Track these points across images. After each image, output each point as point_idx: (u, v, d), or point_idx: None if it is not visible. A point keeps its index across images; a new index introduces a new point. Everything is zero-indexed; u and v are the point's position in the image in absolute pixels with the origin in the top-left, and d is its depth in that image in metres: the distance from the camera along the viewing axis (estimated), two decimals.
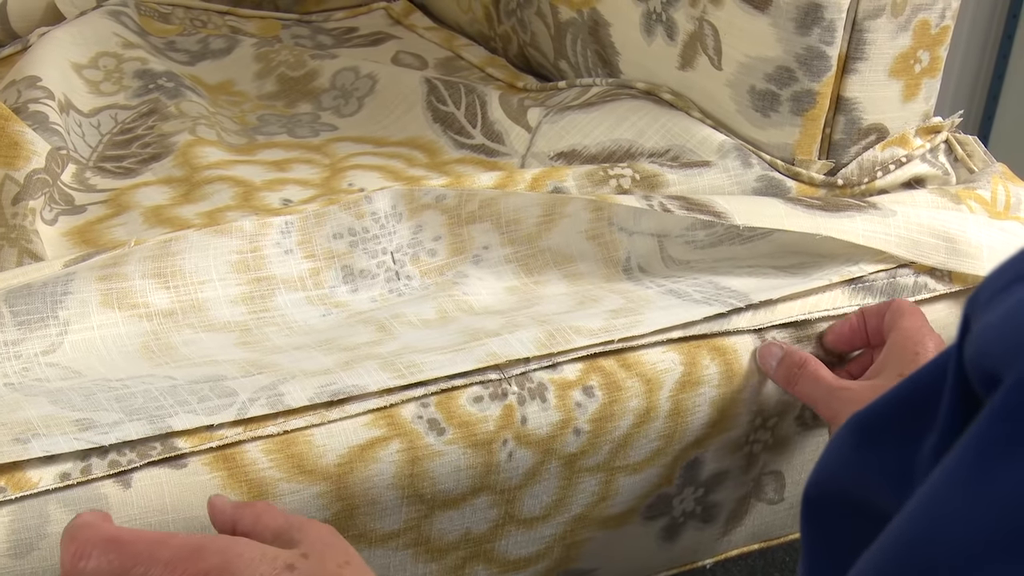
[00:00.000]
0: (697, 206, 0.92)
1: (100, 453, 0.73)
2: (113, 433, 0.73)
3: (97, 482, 0.73)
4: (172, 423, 0.74)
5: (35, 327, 0.81)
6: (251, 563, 0.65)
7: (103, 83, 1.15)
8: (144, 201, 0.99)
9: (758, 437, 0.92)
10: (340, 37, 1.33)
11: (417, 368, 0.80)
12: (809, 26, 0.99)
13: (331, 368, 0.80)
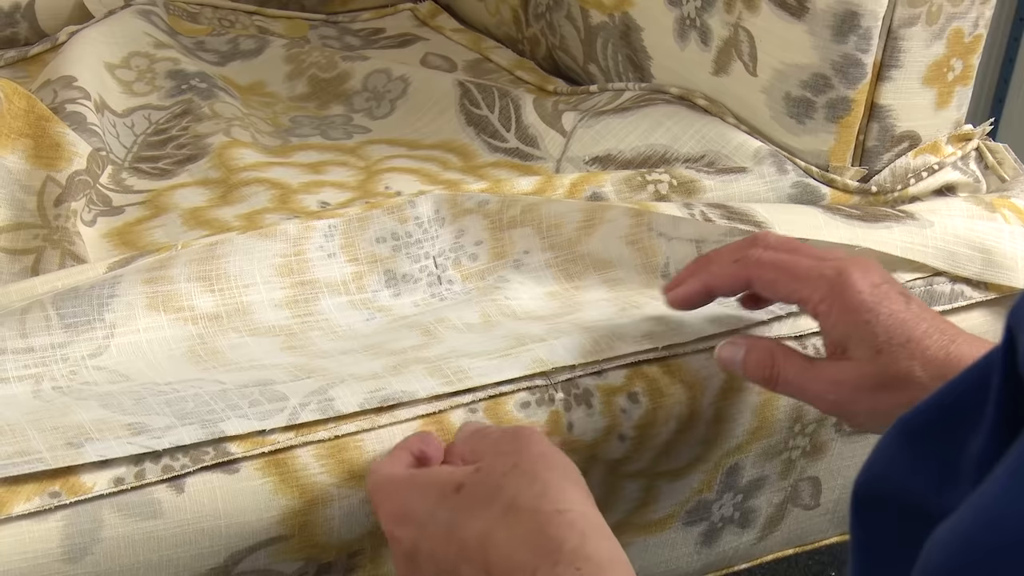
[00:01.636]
0: (738, 215, 0.92)
1: (153, 458, 0.72)
2: (166, 438, 0.72)
3: (151, 487, 0.72)
4: (224, 428, 0.74)
5: (82, 330, 0.80)
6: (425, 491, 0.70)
7: (136, 83, 1.15)
8: (182, 203, 0.99)
9: (796, 443, 0.92)
10: (367, 38, 1.32)
11: (465, 374, 0.80)
12: (846, 34, 0.98)
13: (380, 373, 0.79)
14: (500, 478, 0.68)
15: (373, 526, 0.78)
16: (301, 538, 0.76)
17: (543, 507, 0.66)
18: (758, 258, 0.79)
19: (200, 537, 0.73)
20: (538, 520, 0.65)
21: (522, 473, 0.68)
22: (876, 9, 0.98)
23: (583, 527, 0.65)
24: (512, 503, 0.67)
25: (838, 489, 0.97)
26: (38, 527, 0.70)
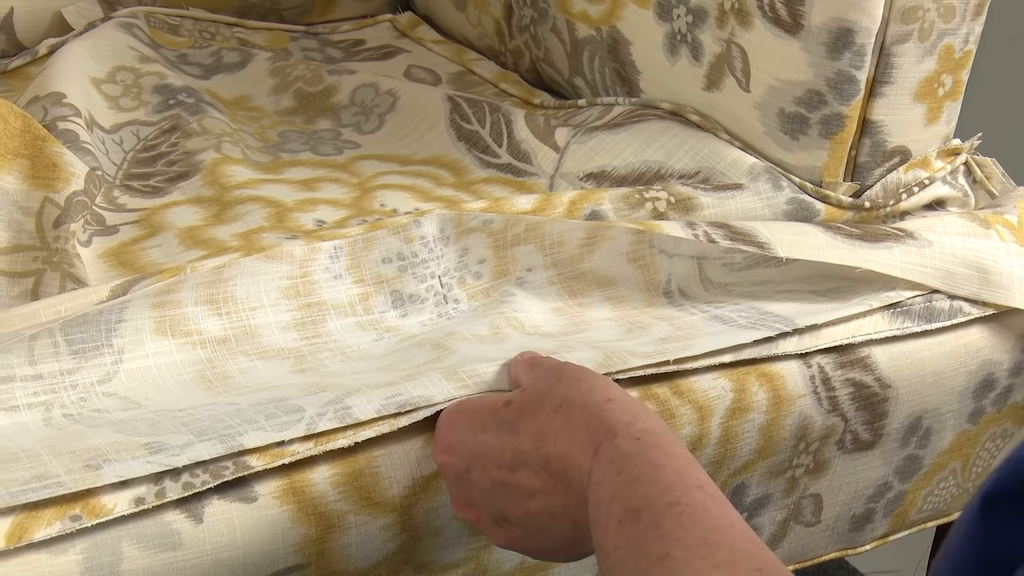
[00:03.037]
0: (740, 235, 0.92)
1: (173, 476, 0.72)
2: (185, 454, 0.72)
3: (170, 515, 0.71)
4: (243, 441, 0.73)
5: (90, 356, 0.79)
6: (473, 414, 0.75)
7: (122, 98, 1.13)
8: (177, 222, 0.97)
9: (800, 461, 0.92)
10: (348, 50, 1.31)
11: (480, 378, 0.80)
12: (840, 51, 0.99)
13: (395, 380, 0.79)
14: (548, 388, 0.72)
15: (389, 553, 0.77)
16: (318, 566, 0.75)
17: (593, 399, 0.70)
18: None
19: (219, 568, 0.73)
20: (590, 409, 0.69)
21: (568, 380, 0.72)
22: (870, 26, 0.98)
23: (633, 410, 0.69)
24: (563, 401, 0.70)
25: (838, 506, 0.97)
26: (58, 560, 0.69)
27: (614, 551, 0.61)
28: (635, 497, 0.62)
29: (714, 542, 0.59)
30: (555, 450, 0.69)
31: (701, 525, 0.60)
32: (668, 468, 0.64)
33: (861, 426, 0.93)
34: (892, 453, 0.96)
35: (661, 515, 0.61)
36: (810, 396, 0.90)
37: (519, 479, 0.70)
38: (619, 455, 0.65)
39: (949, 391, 0.96)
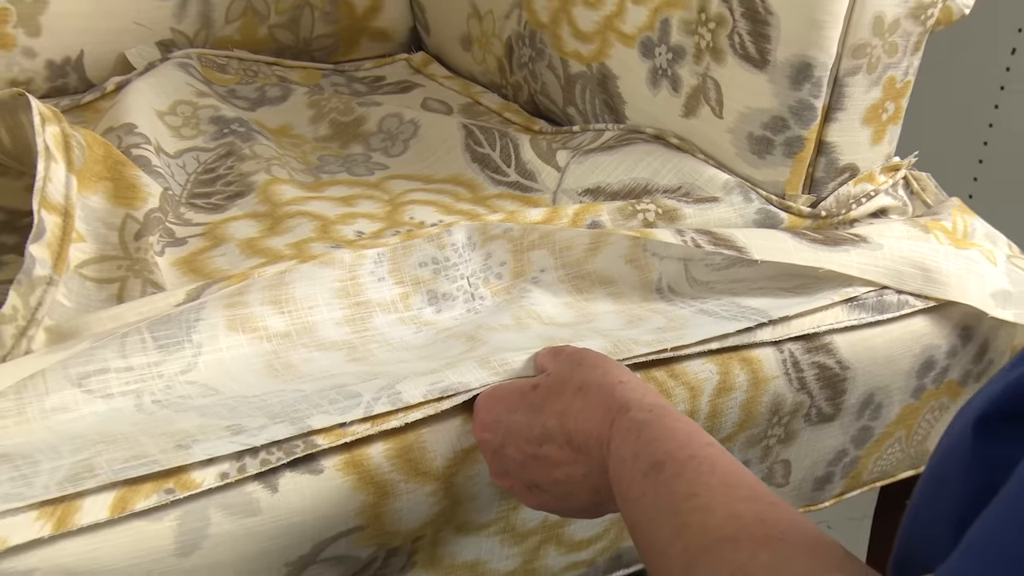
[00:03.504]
0: (721, 241, 0.92)
1: (252, 453, 0.72)
2: (262, 435, 0.72)
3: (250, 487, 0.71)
4: (311, 423, 0.73)
5: (173, 350, 0.79)
6: (506, 398, 0.75)
7: (183, 128, 1.12)
8: (237, 234, 0.97)
9: (774, 432, 0.92)
10: (372, 85, 1.31)
11: (509, 365, 0.80)
12: (801, 82, 0.99)
13: (437, 368, 0.79)
14: (568, 373, 0.73)
15: (433, 515, 0.77)
16: (374, 528, 0.75)
17: (608, 381, 0.71)
18: None
19: (292, 530, 0.72)
20: (605, 390, 0.70)
21: (585, 365, 0.73)
22: (826, 61, 0.98)
23: (642, 389, 0.70)
24: (582, 384, 0.71)
25: (804, 469, 0.97)
26: (155, 526, 0.69)
27: (641, 498, 0.62)
28: (657, 452, 0.63)
29: (733, 483, 0.59)
30: (576, 426, 0.70)
31: (719, 471, 0.60)
32: (680, 430, 0.65)
33: (824, 402, 0.93)
34: (849, 424, 0.96)
35: (683, 464, 0.61)
36: (782, 377, 0.90)
37: (546, 452, 0.71)
38: (635, 424, 0.66)
39: (897, 371, 0.96)
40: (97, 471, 0.68)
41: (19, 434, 0.71)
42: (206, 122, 1.14)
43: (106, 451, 0.69)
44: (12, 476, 0.67)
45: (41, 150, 0.88)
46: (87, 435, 0.71)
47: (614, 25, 1.13)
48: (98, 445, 0.70)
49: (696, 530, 0.57)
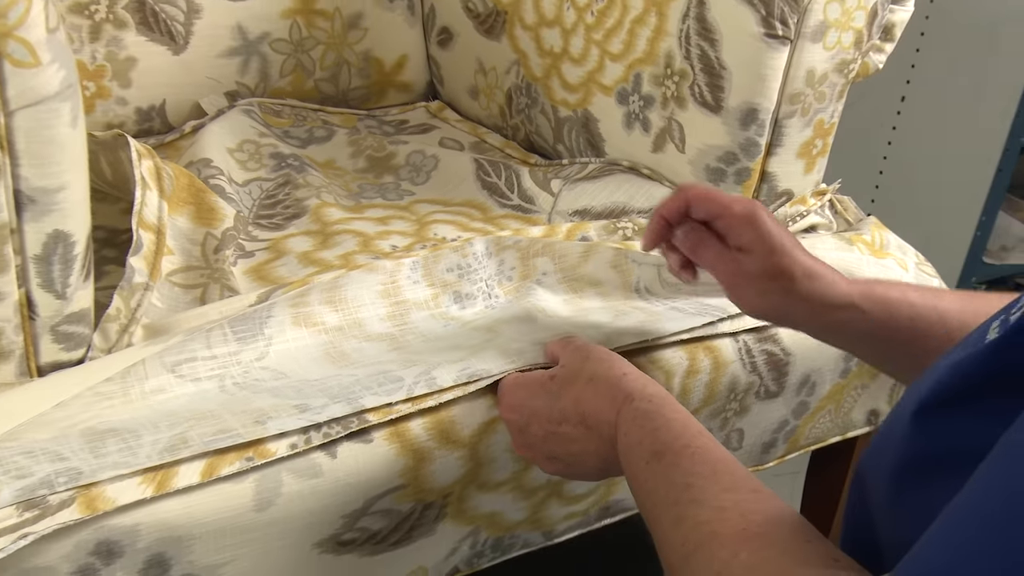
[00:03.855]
0: None
1: (316, 428, 0.71)
2: (324, 412, 0.71)
3: (314, 455, 0.70)
4: (363, 402, 0.72)
5: (249, 341, 0.77)
6: (528, 386, 0.74)
7: (248, 162, 1.11)
8: (295, 248, 0.95)
9: (731, 407, 0.91)
10: (398, 127, 1.29)
11: (522, 354, 0.79)
12: (748, 124, 0.98)
13: (464, 357, 0.78)
14: (580, 365, 0.72)
15: (461, 475, 0.76)
16: (413, 486, 0.74)
17: (613, 373, 0.70)
18: (693, 187, 0.77)
19: (348, 489, 0.71)
20: (612, 381, 0.69)
21: (593, 359, 0.72)
22: (769, 107, 0.97)
23: (643, 381, 0.69)
24: (592, 376, 0.70)
25: (754, 436, 0.96)
26: (236, 488, 0.68)
27: (646, 483, 0.61)
28: (657, 442, 0.62)
29: (720, 471, 0.58)
30: (588, 410, 0.69)
31: (709, 460, 0.59)
32: (677, 421, 0.64)
33: (771, 381, 0.92)
34: (790, 399, 0.95)
35: (679, 455, 0.60)
36: (738, 362, 0.89)
37: (564, 430, 0.70)
38: (639, 413, 0.65)
39: (828, 357, 0.95)
40: (190, 443, 0.67)
41: (124, 412, 0.70)
42: (267, 157, 1.12)
43: (197, 426, 0.68)
44: (120, 447, 0.66)
45: (138, 180, 0.86)
46: (180, 413, 0.70)
47: (596, 78, 1.12)
48: (190, 421, 0.69)
49: (691, 524, 0.56)
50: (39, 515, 0.61)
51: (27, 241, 0.69)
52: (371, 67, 1.32)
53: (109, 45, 1.14)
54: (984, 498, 0.39)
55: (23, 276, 0.70)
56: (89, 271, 0.75)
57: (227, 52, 1.21)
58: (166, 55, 1.17)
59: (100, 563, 0.64)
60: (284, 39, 1.25)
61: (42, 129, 0.66)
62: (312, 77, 1.29)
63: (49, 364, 0.74)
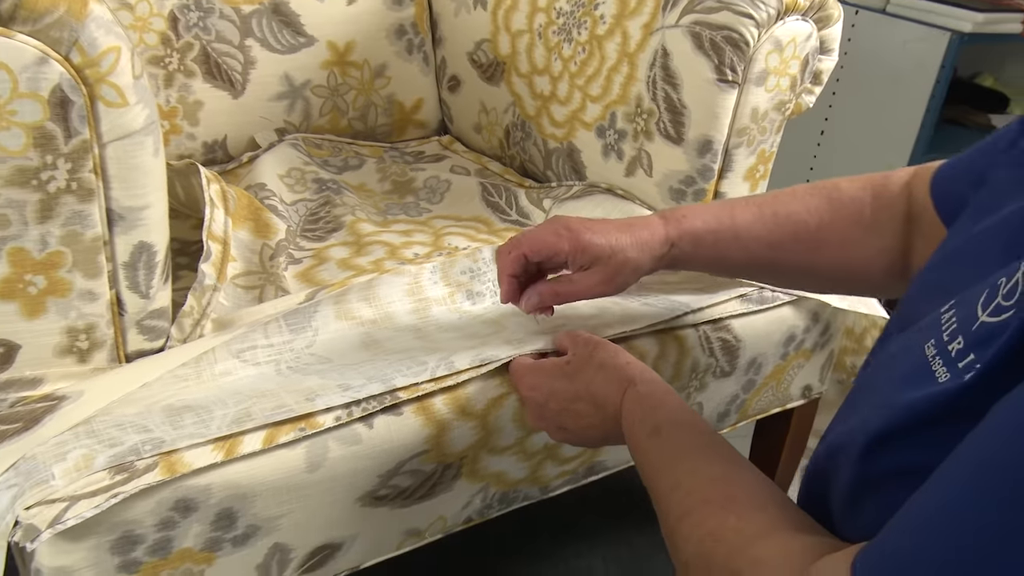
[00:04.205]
0: None
1: (356, 404, 0.69)
2: (363, 391, 0.69)
3: (355, 426, 0.68)
4: (395, 382, 0.70)
5: (299, 332, 0.76)
6: (547, 371, 0.71)
7: (295, 186, 1.09)
8: (335, 256, 0.94)
9: (693, 384, 0.90)
10: (416, 157, 1.27)
11: (523, 344, 0.77)
12: (704, 153, 0.97)
13: (476, 345, 0.76)
14: (589, 354, 0.70)
15: (474, 441, 0.74)
16: (436, 451, 0.73)
17: (618, 362, 0.68)
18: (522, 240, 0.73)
19: (382, 453, 0.70)
20: (618, 368, 0.67)
21: (601, 350, 0.70)
22: (721, 139, 0.96)
23: (641, 367, 0.68)
24: (601, 364, 0.68)
25: (711, 409, 0.94)
26: (291, 454, 0.66)
27: (646, 454, 0.60)
28: (656, 420, 0.61)
29: (708, 445, 0.58)
30: (597, 391, 0.67)
31: (699, 436, 0.59)
32: (670, 402, 0.63)
33: (724, 363, 0.91)
34: (740, 378, 0.94)
35: (674, 431, 0.59)
36: (698, 348, 0.87)
37: (577, 407, 0.68)
38: (640, 395, 0.64)
39: (771, 343, 0.94)
40: (253, 416, 0.65)
41: (198, 391, 0.68)
42: (310, 182, 1.10)
43: (258, 402, 0.67)
44: (195, 421, 0.64)
45: (208, 201, 0.85)
46: (244, 391, 0.69)
47: (578, 116, 1.10)
48: (252, 398, 0.67)
49: (684, 491, 0.54)
50: (128, 477, 0.60)
51: (117, 251, 0.68)
52: (394, 108, 1.31)
53: (180, 91, 1.12)
54: (941, 493, 0.37)
55: (114, 279, 0.69)
56: (167, 275, 0.73)
57: (277, 96, 1.19)
58: (227, 99, 1.15)
59: (178, 517, 0.62)
60: (323, 85, 1.23)
61: (129, 158, 0.65)
62: (346, 116, 1.27)
63: (135, 352, 0.73)
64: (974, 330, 0.40)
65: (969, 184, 0.60)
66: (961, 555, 0.34)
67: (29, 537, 0.56)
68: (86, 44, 0.60)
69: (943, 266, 0.53)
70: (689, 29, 0.95)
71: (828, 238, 0.71)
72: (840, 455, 0.48)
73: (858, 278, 0.72)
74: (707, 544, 0.50)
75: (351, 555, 0.73)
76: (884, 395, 0.45)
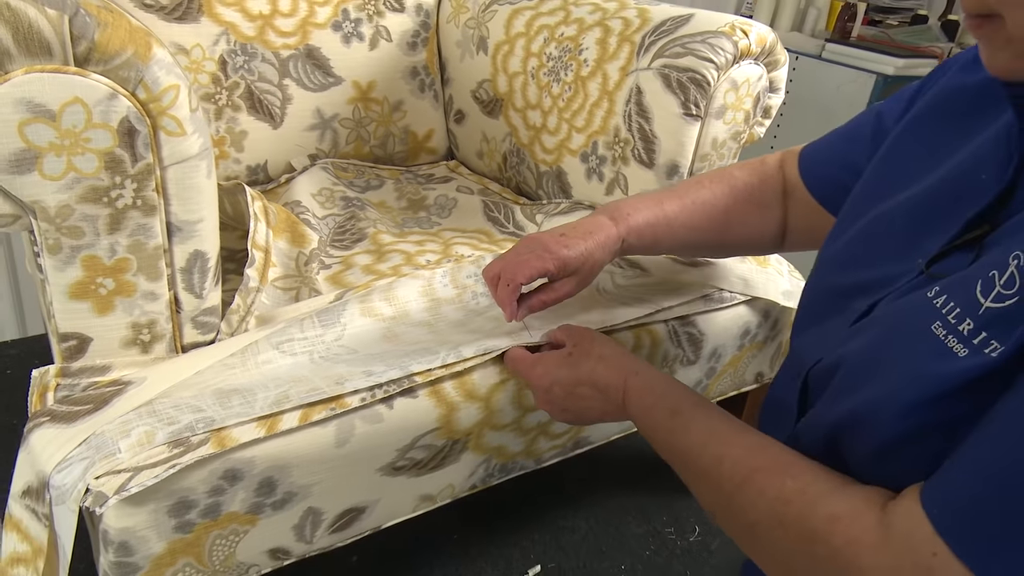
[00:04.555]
0: (632, 264, 0.90)
1: (378, 387, 0.68)
2: (384, 376, 0.68)
3: (377, 406, 0.67)
4: (412, 368, 0.69)
5: (330, 326, 0.74)
6: (553, 361, 0.69)
7: (325, 203, 1.08)
8: (359, 263, 0.93)
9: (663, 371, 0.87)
10: (428, 178, 1.27)
11: (519, 336, 0.76)
12: (672, 175, 0.96)
13: (480, 338, 0.75)
14: (588, 345, 0.68)
15: (479, 420, 0.73)
16: (446, 428, 0.72)
17: (616, 352, 0.67)
18: (512, 272, 0.69)
19: (399, 430, 0.69)
20: (617, 358, 0.66)
21: (600, 342, 0.69)
22: (687, 163, 0.95)
23: (637, 358, 0.67)
24: (601, 354, 0.67)
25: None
26: (323, 430, 0.65)
27: (670, 434, 0.57)
28: (671, 402, 0.59)
29: (726, 419, 0.56)
30: (600, 379, 0.66)
31: (713, 410, 0.57)
32: (675, 386, 0.61)
33: (690, 354, 0.90)
34: (703, 366, 0.93)
35: (692, 410, 0.57)
36: (668, 340, 0.87)
37: (581, 392, 0.67)
38: (647, 382, 0.62)
39: (729, 336, 0.93)
40: (291, 398, 0.64)
41: (243, 377, 0.67)
42: (338, 199, 1.09)
43: (295, 387, 0.66)
44: (241, 402, 0.64)
45: (252, 215, 0.84)
46: (283, 377, 0.68)
47: (566, 145, 1.09)
48: (290, 383, 0.66)
49: (732, 461, 0.51)
50: (183, 451, 0.59)
51: (175, 257, 0.67)
52: (409, 137, 1.30)
53: (228, 122, 1.11)
54: (1009, 445, 0.37)
55: (172, 282, 0.68)
56: (218, 278, 0.72)
57: (310, 127, 1.19)
58: (268, 129, 1.14)
59: (227, 484, 0.61)
60: (349, 118, 1.22)
61: (186, 179, 0.64)
62: (368, 144, 1.26)
63: (190, 344, 0.72)
64: (981, 314, 0.41)
65: (841, 168, 0.66)
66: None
67: (98, 503, 0.55)
68: (150, 82, 0.59)
69: (861, 238, 0.57)
70: (659, 71, 0.94)
71: (732, 219, 0.75)
72: (866, 421, 0.46)
73: (754, 244, 0.77)
74: (777, 507, 0.47)
75: (373, 517, 0.72)
76: (909, 369, 0.44)
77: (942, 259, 0.47)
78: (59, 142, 0.58)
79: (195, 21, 1.05)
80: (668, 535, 1.08)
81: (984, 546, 0.37)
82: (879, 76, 1.73)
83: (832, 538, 0.43)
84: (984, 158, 0.49)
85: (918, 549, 0.39)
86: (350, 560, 0.99)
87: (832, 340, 0.53)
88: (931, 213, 0.51)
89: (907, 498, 0.42)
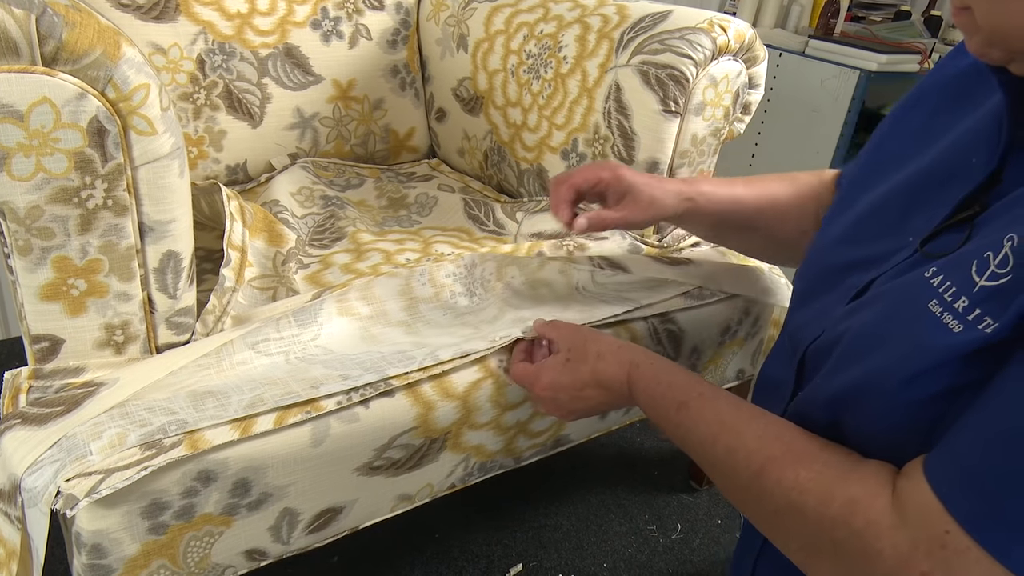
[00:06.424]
0: (608, 262, 0.90)
1: (355, 390, 0.68)
2: (360, 380, 0.68)
3: (354, 408, 0.67)
4: (388, 371, 0.69)
5: (306, 326, 0.74)
6: (552, 368, 0.69)
7: (304, 202, 1.08)
8: (338, 261, 0.93)
9: None
10: (409, 176, 1.26)
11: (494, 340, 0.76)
12: (652, 172, 0.96)
13: (457, 341, 0.75)
14: (584, 346, 0.68)
15: (457, 419, 0.73)
16: (423, 427, 0.72)
17: (613, 348, 0.66)
18: (571, 174, 0.75)
19: (376, 430, 0.69)
20: (615, 354, 0.66)
21: (594, 340, 0.68)
22: (666, 160, 0.96)
23: (635, 348, 0.66)
24: (599, 353, 0.67)
25: None
26: (299, 431, 0.65)
27: (680, 426, 0.57)
28: (678, 393, 0.59)
29: (735, 406, 0.55)
30: (603, 377, 0.66)
31: (721, 400, 0.56)
32: (681, 375, 0.61)
33: (671, 350, 0.90)
34: (684, 363, 0.93)
35: (699, 402, 0.57)
36: (648, 337, 0.87)
37: (586, 393, 0.67)
38: (649, 374, 0.62)
39: (710, 333, 0.94)
40: (266, 401, 0.64)
41: (218, 379, 0.67)
42: (317, 199, 1.09)
43: (270, 389, 0.66)
44: (215, 404, 0.63)
45: (228, 215, 0.83)
46: (258, 379, 0.67)
47: (546, 142, 1.10)
48: (265, 385, 0.66)
49: (744, 453, 0.51)
50: (156, 453, 0.59)
51: (148, 258, 0.66)
52: (390, 136, 1.30)
53: (207, 122, 1.10)
54: (1006, 415, 0.39)
55: (145, 283, 0.67)
56: (192, 279, 0.72)
57: (290, 126, 1.18)
58: (247, 129, 1.14)
59: (201, 486, 0.61)
60: (329, 117, 1.22)
61: (158, 179, 0.63)
62: (348, 143, 1.26)
63: (164, 345, 0.71)
64: (975, 292, 0.42)
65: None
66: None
67: (68, 505, 0.55)
68: (119, 82, 0.59)
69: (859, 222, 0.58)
70: (638, 68, 0.94)
71: (790, 211, 0.76)
72: (869, 392, 0.47)
73: (802, 245, 0.74)
74: (794, 496, 0.48)
75: (351, 517, 0.72)
76: (910, 342, 0.45)
77: (935, 238, 0.49)
78: (27, 142, 0.57)
79: (172, 20, 1.05)
80: (650, 533, 1.08)
81: (990, 522, 0.39)
82: (863, 72, 1.74)
83: (852, 520, 0.45)
84: (974, 140, 0.51)
85: (932, 526, 0.42)
86: (331, 560, 0.99)
87: (830, 316, 0.54)
88: (924, 193, 0.53)
89: (914, 474, 0.44)
